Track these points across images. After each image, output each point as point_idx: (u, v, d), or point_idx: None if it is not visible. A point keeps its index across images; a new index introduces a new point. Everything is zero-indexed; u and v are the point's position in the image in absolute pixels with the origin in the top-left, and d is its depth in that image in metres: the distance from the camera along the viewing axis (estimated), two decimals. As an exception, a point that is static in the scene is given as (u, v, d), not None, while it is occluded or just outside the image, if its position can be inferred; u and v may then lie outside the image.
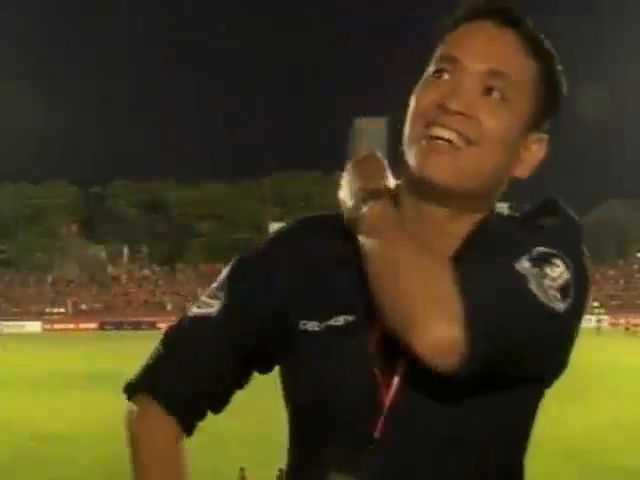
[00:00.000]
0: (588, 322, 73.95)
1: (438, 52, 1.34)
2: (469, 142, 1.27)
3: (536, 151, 1.37)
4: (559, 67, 1.36)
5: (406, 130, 1.32)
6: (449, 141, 1.26)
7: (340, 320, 1.32)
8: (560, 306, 1.22)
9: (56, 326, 77.62)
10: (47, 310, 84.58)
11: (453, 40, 1.33)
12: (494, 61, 1.29)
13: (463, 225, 1.34)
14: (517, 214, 1.40)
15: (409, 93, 1.35)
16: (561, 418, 16.69)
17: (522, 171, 1.37)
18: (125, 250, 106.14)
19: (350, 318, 1.31)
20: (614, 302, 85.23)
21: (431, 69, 1.33)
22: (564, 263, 1.24)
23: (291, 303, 1.38)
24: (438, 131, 1.27)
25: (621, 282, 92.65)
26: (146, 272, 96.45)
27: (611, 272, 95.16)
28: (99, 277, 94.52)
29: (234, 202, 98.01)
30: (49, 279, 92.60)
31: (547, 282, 1.22)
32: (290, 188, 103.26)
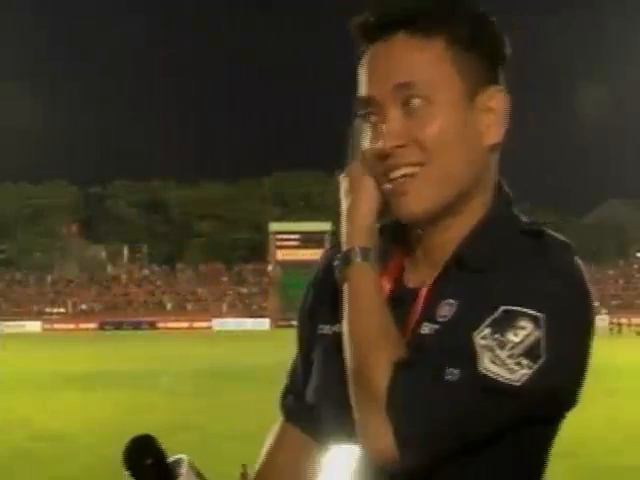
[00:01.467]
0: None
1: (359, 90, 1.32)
2: (420, 164, 1.25)
3: (497, 106, 1.29)
4: (482, 18, 1.29)
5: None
6: (405, 176, 1.26)
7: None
8: (522, 373, 1.18)
9: (56, 326, 77.64)
10: (47, 310, 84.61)
11: (360, 78, 1.30)
12: (394, 76, 1.25)
13: (462, 228, 1.30)
14: (520, 222, 1.32)
15: None
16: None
17: (494, 134, 1.29)
18: (125, 250, 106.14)
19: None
20: (614, 302, 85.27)
21: (359, 110, 1.32)
22: (532, 321, 1.18)
23: (316, 309, 1.43)
24: (392, 175, 1.26)
25: (621, 282, 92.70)
26: (146, 272, 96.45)
27: (611, 272, 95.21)
28: (99, 277, 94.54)
29: (234, 202, 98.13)
30: (49, 279, 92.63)
31: (505, 352, 1.18)
32: (290, 188, 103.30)
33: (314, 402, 1.39)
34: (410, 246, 1.35)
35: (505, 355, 1.17)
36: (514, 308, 1.18)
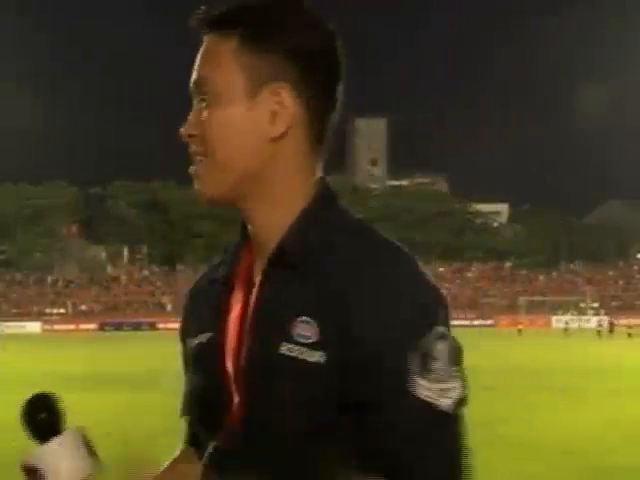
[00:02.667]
0: (587, 323, 73.94)
1: None
2: (204, 155, 1.33)
3: (280, 100, 1.31)
4: (282, 17, 1.33)
5: None
6: (199, 162, 1.35)
7: (204, 337, 1.38)
8: (459, 383, 1.25)
9: (56, 327, 77.68)
10: (47, 311, 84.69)
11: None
12: (195, 70, 1.35)
13: (277, 219, 1.34)
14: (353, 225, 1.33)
15: (409, 93, 1.34)
16: (558, 418, 16.66)
17: (277, 127, 1.32)
18: (125, 251, 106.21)
19: (211, 334, 1.37)
20: (614, 303, 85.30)
21: None
22: (440, 337, 1.24)
23: (186, 324, 1.49)
24: (193, 159, 1.37)
25: (621, 283, 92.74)
26: (146, 273, 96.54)
27: (611, 273, 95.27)
28: (99, 278, 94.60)
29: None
30: (49, 280, 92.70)
31: (445, 380, 1.23)
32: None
33: (187, 414, 1.43)
34: (252, 244, 1.39)
35: (446, 382, 1.23)
36: (424, 341, 1.21)
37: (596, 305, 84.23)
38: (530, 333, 58.90)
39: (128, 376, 27.62)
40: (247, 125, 1.31)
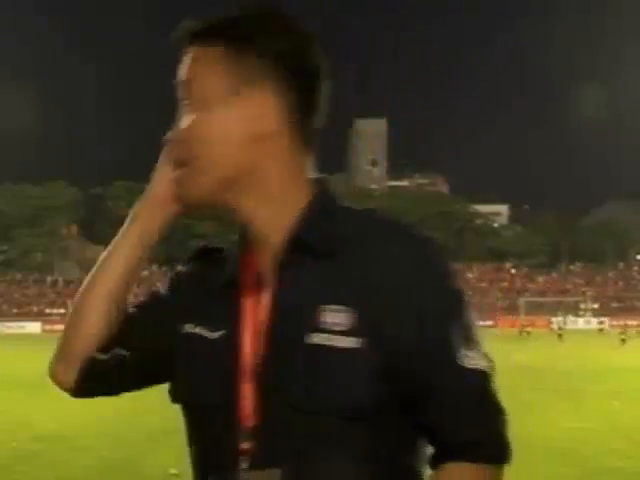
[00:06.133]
0: (588, 324, 73.88)
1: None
2: (188, 159, 1.38)
3: (262, 101, 1.35)
4: (260, 19, 1.37)
5: None
6: (181, 167, 1.41)
7: (216, 335, 1.40)
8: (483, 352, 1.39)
9: (56, 327, 77.53)
10: (47, 311, 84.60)
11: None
12: (181, 79, 1.40)
13: (277, 214, 1.38)
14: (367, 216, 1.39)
15: (409, 94, 1.36)
16: (560, 420, 16.66)
17: (260, 126, 1.35)
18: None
19: (223, 333, 1.39)
20: (614, 304, 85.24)
21: None
22: (467, 308, 1.38)
23: (187, 306, 1.49)
24: (174, 164, 1.44)
25: (620, 284, 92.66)
26: (146, 273, 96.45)
27: (611, 274, 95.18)
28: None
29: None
30: (49, 280, 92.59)
31: (481, 346, 1.38)
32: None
33: (190, 401, 1.43)
34: (251, 243, 1.44)
35: (482, 347, 1.37)
36: (461, 313, 1.34)
37: (596, 306, 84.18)
38: (531, 334, 58.83)
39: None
40: (231, 127, 1.34)
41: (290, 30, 1.37)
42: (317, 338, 1.26)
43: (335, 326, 1.26)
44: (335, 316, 1.27)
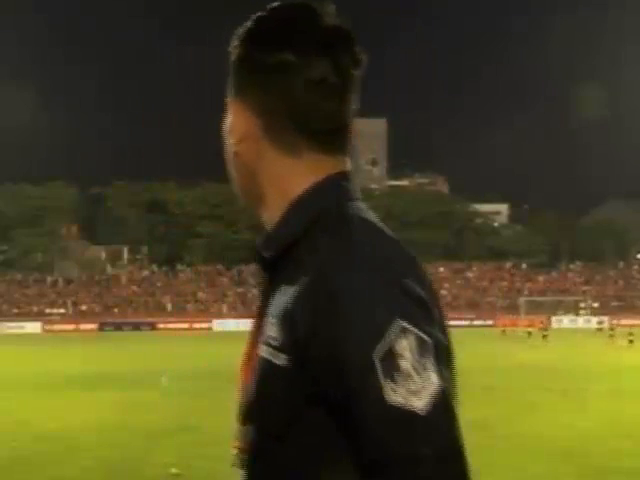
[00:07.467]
0: (587, 323, 73.89)
1: None
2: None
3: (236, 115, 1.39)
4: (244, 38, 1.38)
5: None
6: None
7: None
8: (432, 375, 1.17)
9: (56, 327, 77.62)
10: (47, 311, 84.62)
11: None
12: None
13: (272, 220, 1.39)
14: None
15: (409, 94, 1.31)
16: (560, 419, 16.64)
17: (234, 140, 1.39)
18: (125, 251, 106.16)
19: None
20: (614, 303, 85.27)
21: None
22: (402, 333, 1.16)
23: None
24: None
25: (620, 283, 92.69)
26: (146, 273, 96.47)
27: (611, 273, 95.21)
28: (99, 278, 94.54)
29: (234, 203, 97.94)
30: (49, 280, 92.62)
31: (414, 378, 1.15)
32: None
33: None
34: None
35: (417, 379, 1.15)
36: (384, 344, 1.15)
37: (596, 305, 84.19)
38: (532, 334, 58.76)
39: (128, 376, 27.61)
40: (226, 141, 1.42)
41: (280, 42, 1.33)
42: (262, 350, 1.27)
43: (272, 340, 1.24)
44: (272, 329, 1.25)
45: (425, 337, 1.17)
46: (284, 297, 1.25)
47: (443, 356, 1.21)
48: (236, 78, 1.38)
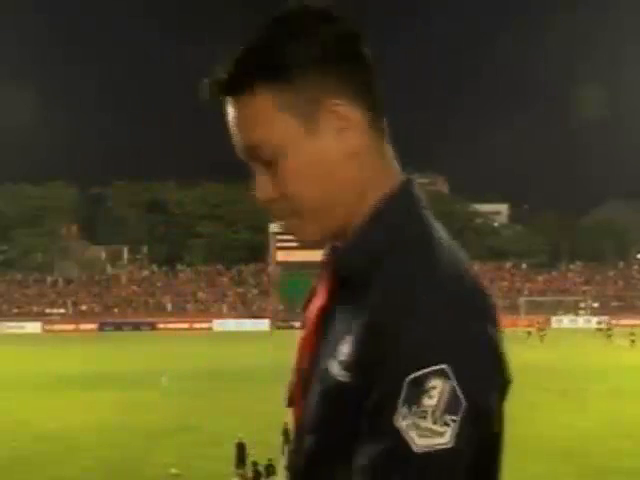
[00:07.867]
0: (587, 323, 73.85)
1: None
2: (293, 214, 1.30)
3: (339, 118, 1.27)
4: (289, 46, 1.25)
5: None
6: (286, 223, 1.32)
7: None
8: (450, 430, 1.13)
9: (56, 327, 77.59)
10: (47, 311, 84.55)
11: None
12: (239, 138, 1.30)
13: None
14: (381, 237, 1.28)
15: (409, 94, 1.29)
16: (560, 419, 16.67)
17: (346, 144, 1.27)
18: (125, 251, 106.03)
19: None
20: (614, 303, 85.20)
21: None
22: (440, 376, 1.13)
23: None
24: (280, 225, 1.35)
25: (620, 283, 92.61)
26: (146, 273, 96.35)
27: (611, 273, 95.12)
28: (99, 278, 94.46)
29: (234, 203, 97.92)
30: (49, 280, 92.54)
31: (429, 420, 1.12)
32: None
33: None
34: None
35: (430, 423, 1.13)
36: (418, 374, 1.14)
37: (596, 305, 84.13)
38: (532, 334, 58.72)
39: (128, 376, 27.54)
40: (321, 156, 1.26)
41: (316, 37, 1.26)
42: (330, 365, 1.25)
43: (343, 356, 1.23)
44: (346, 346, 1.23)
45: (461, 396, 1.14)
46: (362, 317, 1.21)
47: (480, 422, 1.17)
48: (312, 93, 1.26)
